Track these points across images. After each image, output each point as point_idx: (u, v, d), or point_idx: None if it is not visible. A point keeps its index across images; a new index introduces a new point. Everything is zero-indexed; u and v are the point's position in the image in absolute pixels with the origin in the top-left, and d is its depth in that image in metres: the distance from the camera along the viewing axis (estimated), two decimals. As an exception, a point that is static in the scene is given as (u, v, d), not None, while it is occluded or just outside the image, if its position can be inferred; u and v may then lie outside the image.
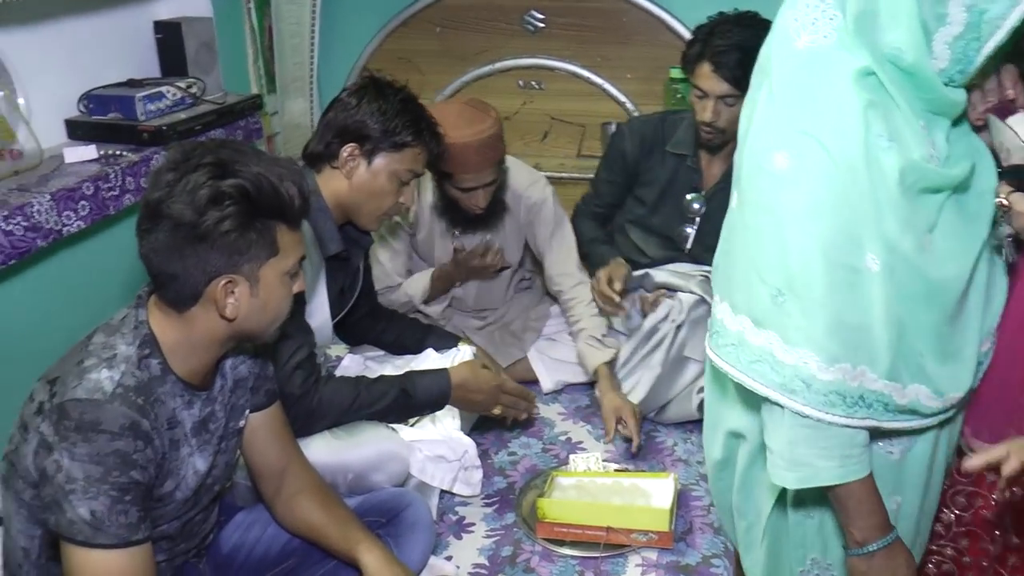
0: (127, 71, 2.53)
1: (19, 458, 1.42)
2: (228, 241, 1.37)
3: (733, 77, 2.37)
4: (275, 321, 1.51)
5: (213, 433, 1.58)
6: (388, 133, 2.02)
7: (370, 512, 1.85)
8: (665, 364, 2.48)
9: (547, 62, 3.26)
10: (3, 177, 2.07)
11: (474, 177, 2.46)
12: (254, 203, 1.37)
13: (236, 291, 1.42)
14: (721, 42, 2.36)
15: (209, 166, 1.36)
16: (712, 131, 2.48)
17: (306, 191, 1.46)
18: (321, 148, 2.06)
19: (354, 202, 2.06)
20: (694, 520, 2.19)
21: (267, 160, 1.43)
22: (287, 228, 1.44)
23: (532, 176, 2.73)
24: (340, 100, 2.08)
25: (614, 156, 2.72)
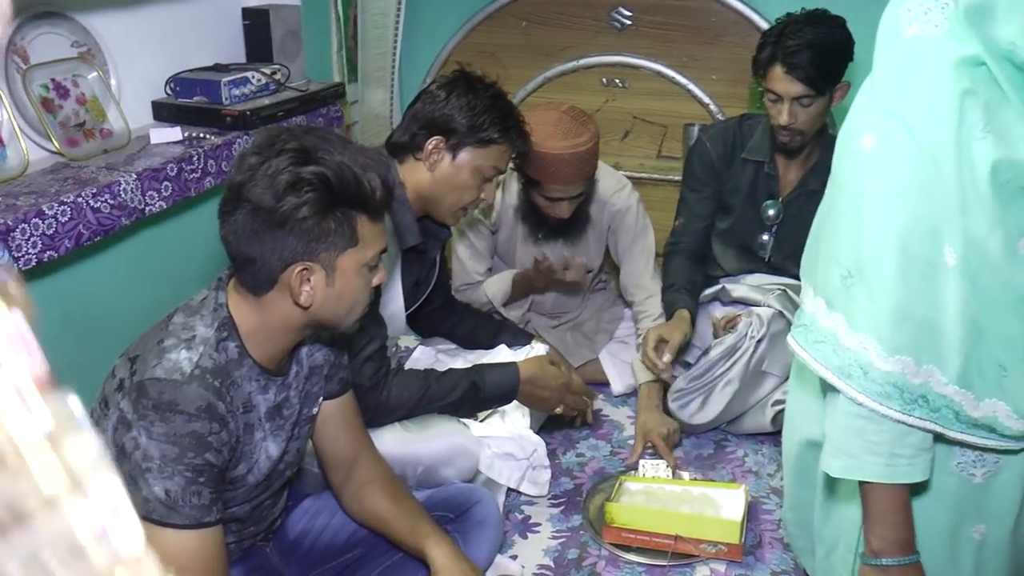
0: (214, 56, 2.56)
1: (99, 432, 1.43)
2: (305, 228, 1.36)
3: (807, 77, 2.30)
4: (352, 312, 1.50)
5: (287, 419, 1.58)
6: (475, 128, 2.00)
7: (438, 506, 1.84)
8: (743, 379, 2.42)
9: (632, 60, 3.21)
10: (93, 156, 2.10)
11: (562, 189, 2.43)
12: (334, 192, 1.36)
13: (312, 279, 1.41)
14: (792, 42, 2.30)
15: (292, 152, 1.36)
16: (789, 134, 2.42)
17: (391, 183, 1.45)
18: (406, 139, 2.04)
19: (434, 195, 2.05)
20: (764, 534, 2.14)
21: (353, 149, 1.42)
22: (368, 219, 1.43)
23: (619, 182, 2.69)
24: (429, 92, 2.06)
25: (699, 167, 2.63)
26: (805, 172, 2.55)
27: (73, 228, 1.84)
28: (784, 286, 2.54)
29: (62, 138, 2.07)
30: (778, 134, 2.45)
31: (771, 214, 2.58)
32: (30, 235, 1.74)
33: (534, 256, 2.60)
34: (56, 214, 1.80)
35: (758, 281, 2.63)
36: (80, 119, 2.13)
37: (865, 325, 1.13)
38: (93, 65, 2.19)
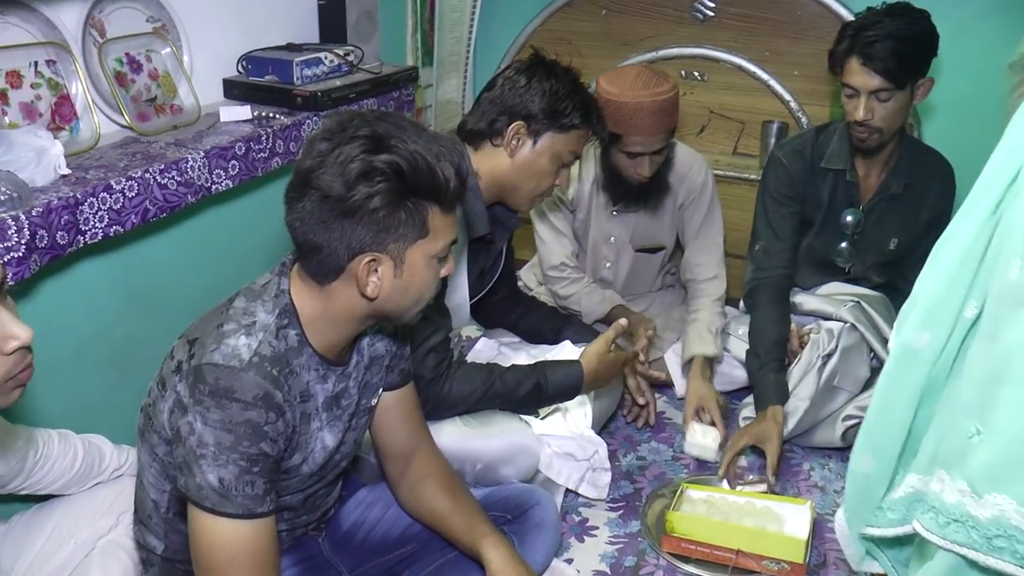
0: (287, 35, 2.54)
1: (156, 413, 1.42)
2: (376, 218, 1.32)
3: (885, 69, 2.19)
4: (417, 304, 1.45)
5: (344, 409, 1.55)
6: (557, 114, 1.95)
7: (496, 506, 1.80)
8: (814, 396, 2.33)
9: (712, 53, 3.12)
10: (162, 131, 2.09)
11: (644, 141, 2.36)
12: (406, 181, 1.32)
13: (380, 270, 1.37)
14: (871, 33, 2.20)
15: (364, 139, 1.31)
16: (866, 131, 2.30)
17: (465, 173, 1.40)
18: (483, 125, 1.99)
19: (513, 182, 2.00)
20: (828, 553, 2.05)
21: (427, 137, 1.37)
22: (440, 210, 1.38)
23: (694, 157, 2.63)
24: (507, 77, 2.01)
25: (778, 184, 2.52)
26: (886, 176, 2.45)
27: (140, 204, 1.83)
28: (857, 296, 2.44)
29: (133, 112, 2.06)
30: (854, 132, 2.34)
31: (849, 221, 2.49)
32: (97, 208, 1.74)
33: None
34: (124, 189, 1.79)
35: (830, 290, 2.53)
36: (151, 94, 2.13)
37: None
38: (167, 40, 2.18)
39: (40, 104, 1.88)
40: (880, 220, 2.48)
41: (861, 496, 1.23)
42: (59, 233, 1.65)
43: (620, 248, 2.70)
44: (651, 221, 2.65)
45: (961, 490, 1.05)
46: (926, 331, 1.09)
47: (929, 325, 1.09)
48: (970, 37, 2.61)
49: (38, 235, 1.59)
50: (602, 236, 2.67)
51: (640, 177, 2.43)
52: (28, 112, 1.86)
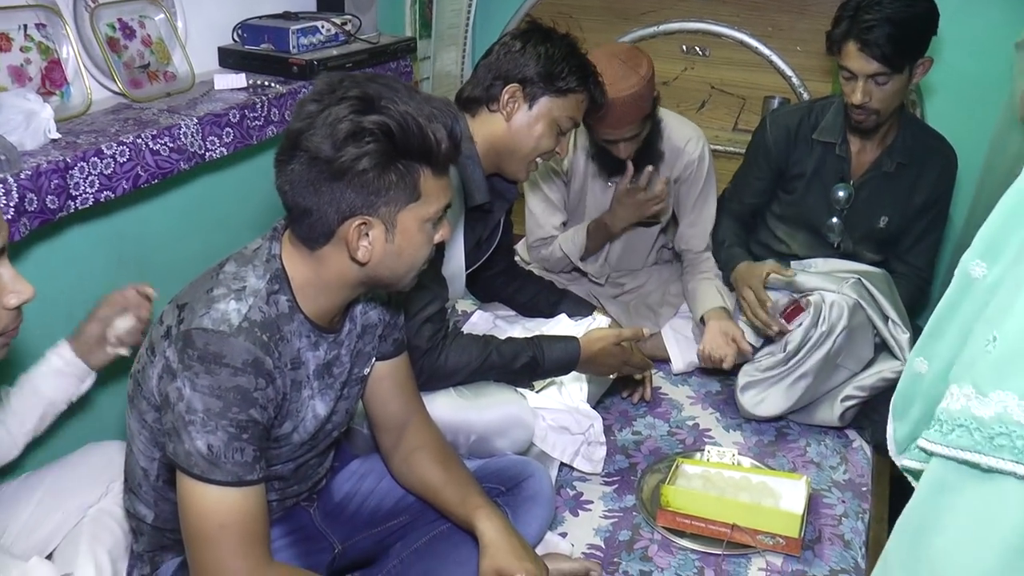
0: (284, 3, 2.51)
1: (145, 379, 1.40)
2: (365, 180, 1.30)
3: (883, 55, 2.19)
4: (411, 270, 1.43)
5: (336, 378, 1.53)
6: (553, 77, 1.93)
7: (490, 478, 1.78)
8: (817, 372, 2.31)
9: (714, 28, 3.08)
10: (155, 98, 2.07)
11: (613, 132, 2.36)
12: (396, 143, 1.29)
13: (371, 234, 1.34)
14: (869, 17, 2.19)
15: (354, 100, 1.29)
16: (864, 113, 2.31)
17: (458, 135, 1.37)
18: (479, 91, 1.97)
19: (509, 147, 1.98)
20: (823, 529, 2.04)
21: (419, 99, 1.34)
22: (432, 173, 1.36)
23: (691, 131, 2.61)
24: (503, 43, 1.99)
25: (757, 151, 2.58)
26: (881, 153, 2.45)
27: (131, 169, 1.81)
28: (858, 273, 2.42)
29: (126, 79, 2.04)
30: (852, 113, 2.35)
31: (840, 196, 2.49)
32: (88, 173, 1.72)
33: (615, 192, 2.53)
34: (115, 154, 1.77)
35: (829, 267, 2.51)
36: (145, 61, 2.10)
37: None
38: (160, 7, 2.16)
39: (30, 68, 1.85)
40: (870, 197, 2.47)
41: (910, 390, 1.26)
42: (49, 197, 1.63)
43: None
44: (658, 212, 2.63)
45: (967, 394, 1.05)
46: (984, 262, 1.10)
47: (985, 256, 1.09)
48: (972, 15, 2.59)
49: (27, 199, 1.58)
50: (597, 207, 2.65)
51: (623, 157, 2.44)
52: (17, 76, 1.83)
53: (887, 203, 2.48)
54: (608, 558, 1.92)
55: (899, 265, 2.55)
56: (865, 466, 2.29)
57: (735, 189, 2.69)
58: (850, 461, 2.29)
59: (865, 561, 1.97)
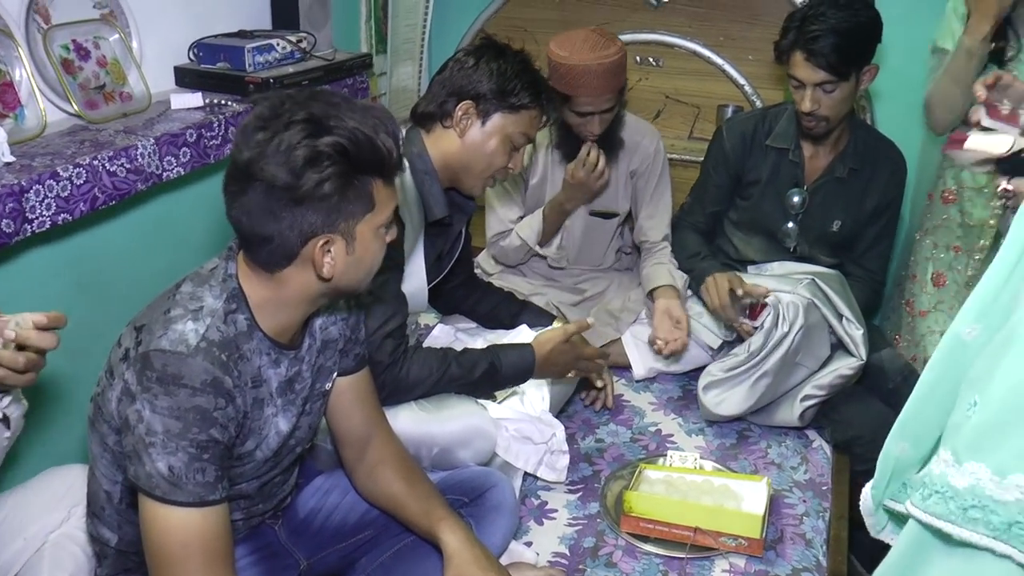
0: (238, 22, 2.52)
1: (105, 402, 1.40)
2: (329, 203, 1.31)
3: (828, 64, 2.26)
4: (369, 275, 1.47)
5: (298, 394, 1.54)
6: (506, 93, 1.97)
7: (453, 490, 1.80)
8: (777, 371, 2.35)
9: (667, 38, 3.14)
10: (111, 119, 2.07)
11: (592, 101, 2.42)
12: (352, 161, 1.31)
13: (333, 250, 1.36)
14: (815, 27, 2.26)
15: (303, 123, 1.29)
16: (813, 120, 2.39)
17: (399, 140, 1.39)
18: (434, 107, 2.01)
19: (463, 162, 2.01)
20: (785, 528, 2.07)
21: (360, 110, 1.35)
22: (383, 182, 1.38)
23: (646, 127, 2.73)
24: (456, 59, 2.02)
25: (716, 159, 2.65)
26: (833, 159, 2.51)
27: (88, 191, 1.81)
28: (812, 274, 2.47)
29: (81, 100, 2.03)
30: (803, 120, 2.42)
31: (795, 201, 2.55)
32: (44, 197, 1.71)
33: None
34: (71, 176, 1.77)
35: (784, 270, 2.56)
36: (100, 81, 2.10)
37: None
38: (115, 27, 2.16)
39: (-18, 91, 1.85)
40: (824, 201, 2.53)
41: (890, 476, 1.23)
42: (4, 221, 1.63)
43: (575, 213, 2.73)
44: (605, 186, 2.68)
45: (945, 460, 1.04)
46: (978, 323, 1.08)
47: (981, 318, 1.08)
48: (918, 20, 2.65)
49: (-19, 223, 1.57)
50: None
51: (591, 135, 2.49)
52: (-31, 100, 1.83)
53: (840, 207, 2.54)
54: (573, 565, 1.94)
55: (854, 268, 2.61)
56: (825, 465, 2.33)
57: (695, 200, 2.73)
58: (810, 461, 2.33)
59: (826, 558, 2.01)
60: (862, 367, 2.36)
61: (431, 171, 2.00)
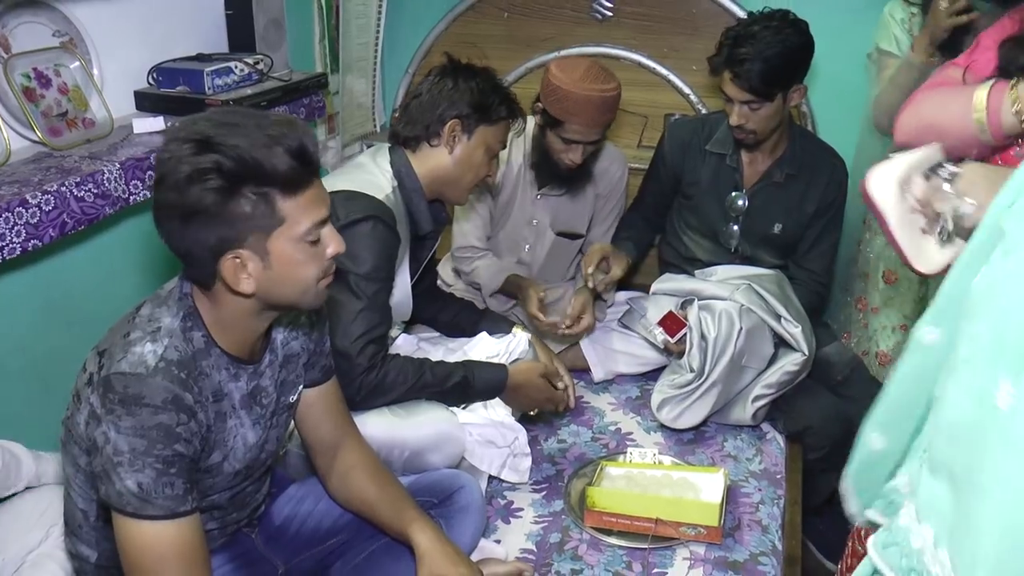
0: (196, 46, 2.56)
1: (74, 425, 1.45)
2: (220, 217, 1.34)
3: (751, 88, 2.39)
4: (305, 291, 1.46)
5: (266, 407, 1.59)
6: (486, 109, 2.12)
7: (423, 492, 1.87)
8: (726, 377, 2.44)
9: (612, 51, 3.23)
10: (76, 145, 2.11)
11: (583, 131, 2.51)
12: (235, 177, 1.32)
13: (248, 266, 1.39)
14: (743, 50, 2.38)
15: (192, 143, 1.33)
16: (743, 133, 2.52)
17: (307, 150, 1.38)
18: (419, 129, 2.14)
19: (453, 176, 2.16)
20: (742, 516, 2.17)
21: (258, 126, 1.36)
22: (286, 195, 1.37)
23: (615, 153, 2.84)
24: (433, 83, 2.15)
25: (655, 159, 2.82)
26: (771, 164, 2.63)
27: (57, 217, 1.85)
28: (748, 278, 2.58)
29: (44, 128, 2.07)
30: (734, 132, 2.55)
31: (738, 205, 2.67)
32: (14, 224, 1.75)
33: (538, 298, 2.61)
34: (40, 203, 1.80)
35: (724, 275, 2.67)
36: (62, 108, 2.13)
37: None
38: (75, 55, 2.19)
39: (-55, 122, 1.88)
40: (764, 205, 2.64)
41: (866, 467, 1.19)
42: (-25, 248, 1.66)
43: (541, 231, 2.81)
44: (572, 207, 2.79)
45: (910, 515, 1.03)
46: (936, 328, 1.06)
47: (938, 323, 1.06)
48: (861, 27, 2.74)
49: (-45, 251, 1.61)
50: (524, 218, 2.79)
51: (570, 163, 2.58)
52: (-66, 130, 1.86)
53: (780, 211, 2.65)
54: (540, 560, 2.01)
55: (797, 271, 2.72)
56: (779, 455, 2.43)
57: (641, 191, 2.90)
58: (765, 452, 2.43)
59: (782, 543, 2.10)
60: (807, 361, 2.46)
61: (418, 188, 2.14)
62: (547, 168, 2.65)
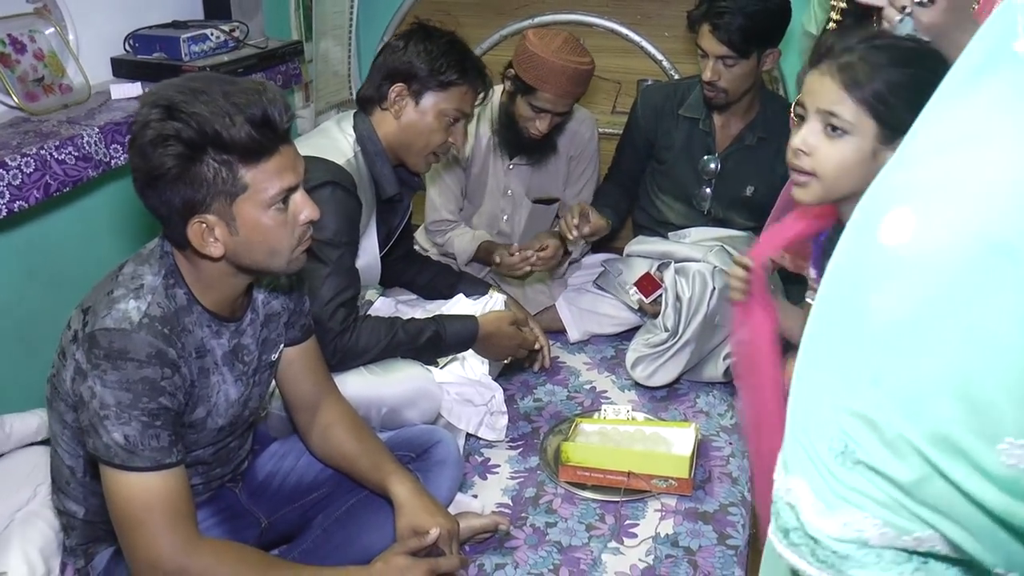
0: (171, 13, 2.58)
1: (60, 382, 1.48)
2: (180, 181, 1.36)
3: (731, 40, 2.43)
4: (276, 253, 1.48)
5: (248, 364, 1.63)
6: (434, 72, 2.07)
7: (401, 447, 1.92)
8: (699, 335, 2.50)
9: (585, 18, 3.26)
10: (53, 110, 2.13)
11: (554, 101, 2.50)
12: (195, 145, 1.35)
13: (216, 231, 1.41)
14: (724, 4, 2.42)
15: (158, 108, 1.35)
16: (714, 90, 2.56)
17: (273, 117, 1.38)
18: (371, 91, 2.13)
19: (403, 142, 2.13)
20: (713, 469, 2.23)
21: (223, 94, 1.36)
22: (249, 163, 1.39)
23: (584, 114, 2.83)
24: (388, 44, 2.15)
25: (629, 125, 2.86)
26: (743, 128, 2.68)
27: (40, 179, 1.87)
28: (720, 240, 2.64)
29: (21, 92, 2.09)
30: (705, 89, 2.59)
31: (711, 168, 2.72)
32: (-4, 186, 1.78)
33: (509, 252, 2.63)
34: (20, 165, 1.83)
35: (698, 236, 2.73)
36: (39, 74, 2.15)
37: None
38: (50, 21, 2.21)
39: (-79, 88, 1.90)
40: (736, 168, 2.70)
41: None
42: (-41, 211, 1.69)
43: (517, 201, 2.83)
44: (545, 173, 2.80)
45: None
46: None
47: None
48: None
49: (-63, 213, 1.64)
50: (499, 190, 2.80)
51: (536, 132, 2.58)
52: (-90, 96, 1.87)
53: (752, 174, 2.70)
54: (516, 513, 2.07)
55: None
56: (748, 411, 2.50)
57: (616, 158, 2.93)
58: (736, 408, 2.50)
59: (750, 494, 2.17)
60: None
61: (380, 152, 2.12)
62: (511, 137, 2.65)
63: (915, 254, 0.72)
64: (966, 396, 0.70)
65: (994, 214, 0.68)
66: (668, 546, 1.98)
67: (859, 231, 0.78)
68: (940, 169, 0.73)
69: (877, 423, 0.74)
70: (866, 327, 0.75)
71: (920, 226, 0.71)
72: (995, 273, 0.68)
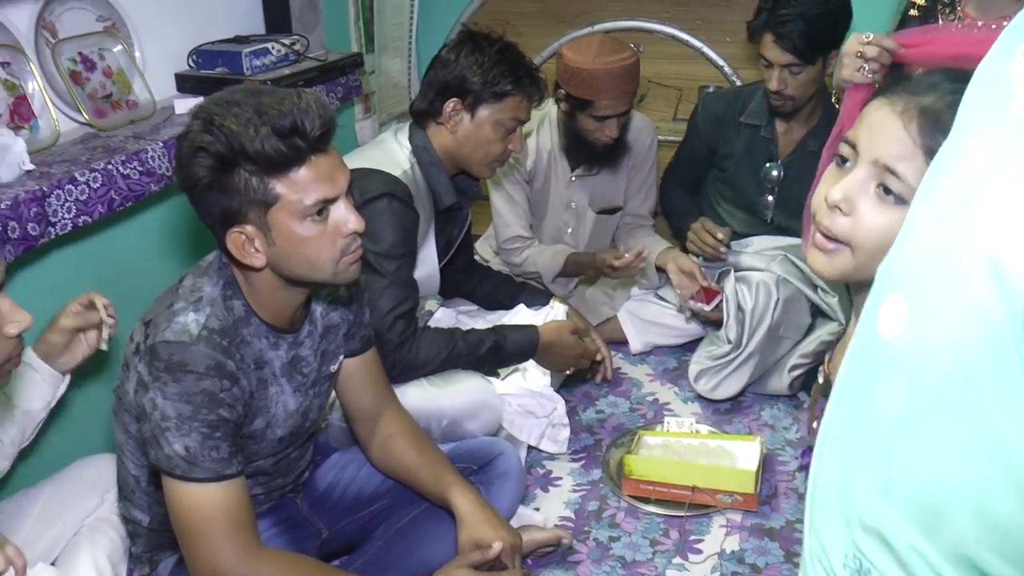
0: (233, 28, 2.61)
1: (124, 393, 1.51)
2: (215, 192, 1.38)
3: (795, 48, 2.39)
4: (318, 265, 1.46)
5: (307, 376, 1.63)
6: (487, 84, 2.06)
7: (462, 459, 1.91)
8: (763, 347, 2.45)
9: (646, 24, 3.23)
10: (120, 126, 2.16)
11: (613, 104, 2.48)
12: (223, 157, 1.35)
13: (256, 242, 1.42)
14: (785, 12, 2.38)
15: (199, 120, 1.38)
16: (781, 99, 2.51)
17: (305, 127, 1.36)
18: (425, 106, 2.12)
19: (463, 154, 2.13)
20: (779, 484, 2.18)
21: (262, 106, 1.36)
22: (278, 175, 1.37)
23: (643, 121, 2.79)
24: (439, 57, 2.13)
25: (689, 132, 2.82)
26: (806, 134, 2.63)
27: (105, 194, 1.90)
28: (783, 249, 2.59)
29: (90, 109, 2.13)
30: (771, 98, 2.54)
31: (773, 176, 2.67)
32: (64, 200, 1.81)
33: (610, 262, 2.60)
34: (88, 180, 1.86)
35: (760, 246, 2.68)
36: (107, 91, 2.19)
37: None
38: (118, 39, 2.25)
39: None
40: (799, 175, 2.64)
41: None
42: (30, 225, 1.72)
43: (581, 213, 2.80)
44: (608, 183, 2.77)
45: None
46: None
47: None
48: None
49: (9, 227, 1.67)
50: (562, 203, 2.77)
51: (608, 139, 2.55)
52: (-14, 114, 1.92)
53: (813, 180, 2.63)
54: (579, 527, 2.05)
55: None
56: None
57: (677, 163, 2.90)
58: (802, 420, 2.44)
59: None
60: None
61: (437, 162, 2.12)
62: (583, 150, 2.62)
63: (909, 347, 0.65)
64: (982, 510, 0.61)
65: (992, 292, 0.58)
66: (734, 563, 1.93)
67: (866, 320, 0.71)
68: (930, 245, 0.65)
69: (890, 541, 0.67)
70: (874, 428, 0.68)
71: (912, 316, 0.65)
72: (996, 363, 0.58)
